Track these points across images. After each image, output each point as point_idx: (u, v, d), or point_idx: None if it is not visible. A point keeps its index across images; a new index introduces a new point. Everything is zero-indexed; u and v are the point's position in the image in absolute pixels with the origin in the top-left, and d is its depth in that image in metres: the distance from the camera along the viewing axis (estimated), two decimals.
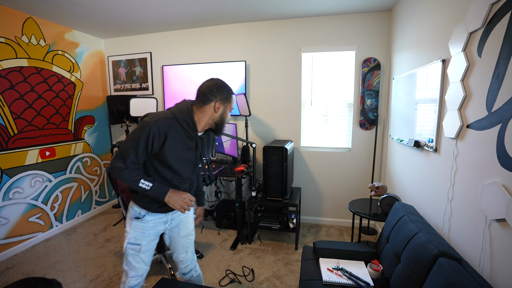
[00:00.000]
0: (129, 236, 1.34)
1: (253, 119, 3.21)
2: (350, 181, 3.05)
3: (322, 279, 1.58)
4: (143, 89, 3.55)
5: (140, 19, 2.90)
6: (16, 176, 2.56)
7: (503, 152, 1.08)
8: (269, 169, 2.53)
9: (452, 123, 1.47)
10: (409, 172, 2.17)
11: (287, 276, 2.20)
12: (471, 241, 1.30)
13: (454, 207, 1.46)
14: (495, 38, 1.15)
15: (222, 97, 1.28)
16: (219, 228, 3.05)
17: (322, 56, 3.00)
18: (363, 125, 2.90)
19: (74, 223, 3.17)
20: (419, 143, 1.91)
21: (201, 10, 2.68)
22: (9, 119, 2.50)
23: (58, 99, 2.97)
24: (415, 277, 1.25)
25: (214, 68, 3.15)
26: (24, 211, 2.64)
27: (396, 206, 1.81)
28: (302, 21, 2.92)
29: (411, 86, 2.10)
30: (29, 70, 2.67)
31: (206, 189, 3.48)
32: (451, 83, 1.49)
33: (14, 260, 2.43)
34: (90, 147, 3.40)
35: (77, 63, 3.21)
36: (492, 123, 1.15)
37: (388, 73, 2.80)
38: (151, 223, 1.36)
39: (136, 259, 1.36)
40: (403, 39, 2.36)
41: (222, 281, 2.14)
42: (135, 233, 1.34)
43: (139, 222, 1.34)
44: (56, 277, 2.19)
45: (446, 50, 1.57)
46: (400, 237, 1.52)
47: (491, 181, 1.14)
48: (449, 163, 1.52)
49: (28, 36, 2.65)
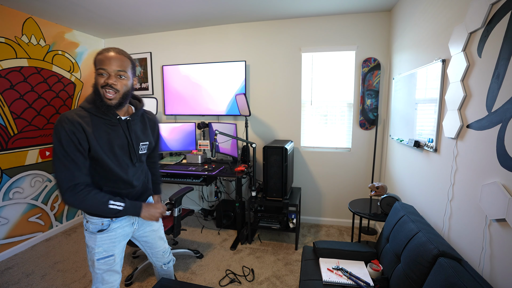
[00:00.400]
0: (96, 252, 1.19)
1: (253, 119, 3.21)
2: (350, 181, 3.05)
3: (322, 279, 1.58)
4: (143, 89, 3.55)
5: (140, 19, 2.90)
6: (16, 176, 2.56)
7: (503, 152, 1.08)
8: (269, 169, 2.53)
9: (452, 123, 1.47)
10: (409, 172, 2.17)
11: (287, 276, 2.20)
12: (471, 241, 1.30)
13: (454, 207, 1.46)
14: (495, 38, 1.15)
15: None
16: (219, 228, 3.05)
17: (322, 56, 3.00)
18: (363, 125, 2.90)
19: (74, 223, 3.17)
20: (419, 143, 1.91)
21: (201, 10, 2.68)
22: (9, 119, 2.50)
23: (58, 99, 2.97)
24: (415, 277, 1.25)
25: (214, 68, 3.15)
26: (24, 211, 2.64)
27: (396, 206, 1.81)
28: (302, 21, 2.92)
29: (411, 86, 2.10)
30: (29, 70, 2.67)
31: (206, 189, 3.48)
32: (451, 83, 1.49)
33: (14, 260, 2.43)
34: None
35: (77, 63, 3.21)
36: (492, 123, 1.15)
37: (388, 73, 2.80)
38: (119, 229, 1.24)
39: (110, 273, 1.24)
40: (403, 39, 2.36)
41: (222, 281, 2.14)
42: (104, 246, 1.20)
43: (105, 233, 1.20)
44: (56, 277, 2.19)
45: (446, 50, 1.57)
46: (400, 237, 1.52)
47: (491, 181, 1.14)
48: (449, 163, 1.52)
49: (28, 36, 2.65)
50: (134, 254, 2.47)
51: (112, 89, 1.06)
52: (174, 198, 2.09)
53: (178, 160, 3.08)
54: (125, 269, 2.29)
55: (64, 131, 1.01)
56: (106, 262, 1.21)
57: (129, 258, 2.45)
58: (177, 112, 3.39)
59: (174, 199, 2.09)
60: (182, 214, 2.28)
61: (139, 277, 2.18)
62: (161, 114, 3.51)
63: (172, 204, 2.12)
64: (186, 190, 2.22)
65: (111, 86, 1.06)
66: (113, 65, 1.05)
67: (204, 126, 3.19)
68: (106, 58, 1.05)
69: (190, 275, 2.21)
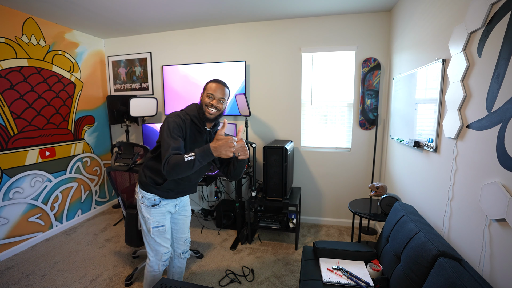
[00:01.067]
0: (152, 221, 1.55)
1: (253, 119, 3.21)
2: (350, 181, 3.05)
3: (322, 279, 1.58)
4: (143, 89, 3.55)
5: (140, 19, 2.90)
6: (16, 176, 2.56)
7: (503, 152, 1.08)
8: (269, 169, 2.53)
9: (452, 123, 1.47)
10: (409, 172, 2.17)
11: (287, 276, 2.20)
12: (471, 241, 1.30)
13: (454, 207, 1.46)
14: (495, 38, 1.15)
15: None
16: (219, 228, 3.05)
17: (322, 56, 3.00)
18: (363, 125, 2.90)
19: (74, 223, 3.17)
20: (419, 143, 1.91)
21: (201, 10, 2.68)
22: (9, 119, 2.50)
23: (58, 99, 2.97)
24: (415, 277, 1.25)
25: (214, 68, 3.15)
26: (24, 211, 2.64)
27: (396, 206, 1.81)
28: (302, 21, 2.92)
29: (411, 86, 2.10)
30: (29, 70, 2.67)
31: (206, 189, 3.48)
32: (451, 83, 1.49)
33: (14, 260, 2.43)
34: (90, 147, 3.40)
35: (77, 63, 3.21)
36: (492, 123, 1.15)
37: (388, 73, 2.80)
38: (167, 206, 1.60)
39: (162, 238, 1.60)
40: (403, 39, 2.36)
41: (222, 281, 2.14)
42: (157, 217, 1.56)
43: (157, 208, 1.55)
44: (56, 277, 2.19)
45: (446, 50, 1.57)
46: (400, 237, 1.52)
47: (491, 181, 1.14)
48: (449, 163, 1.52)
49: (28, 36, 2.65)
50: (134, 254, 2.47)
51: (214, 108, 1.45)
52: None
53: None
54: (125, 269, 2.29)
55: (174, 121, 1.39)
56: (159, 230, 1.57)
57: (129, 258, 2.46)
58: None
59: None
60: None
61: (139, 277, 2.18)
62: (161, 114, 3.51)
63: None
64: None
65: (215, 107, 1.45)
66: (218, 93, 1.45)
67: None
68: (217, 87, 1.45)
69: (190, 275, 2.21)
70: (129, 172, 2.10)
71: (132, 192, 2.19)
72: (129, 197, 2.19)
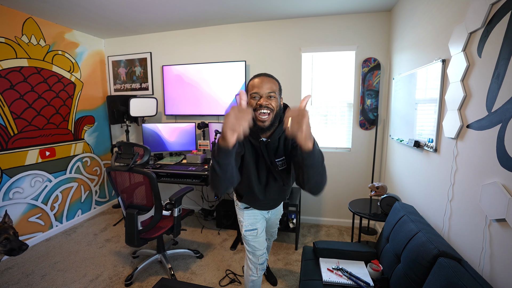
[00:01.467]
0: (245, 224, 1.53)
1: None
2: (350, 181, 3.05)
3: (322, 279, 1.58)
4: (143, 89, 3.55)
5: (140, 19, 2.90)
6: (16, 176, 2.56)
7: (503, 152, 1.08)
8: None
9: (452, 123, 1.47)
10: (409, 172, 2.17)
11: (287, 276, 2.20)
12: (471, 241, 1.30)
13: (454, 207, 1.46)
14: (495, 38, 1.15)
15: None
16: (219, 228, 3.05)
17: (322, 56, 3.00)
18: (363, 125, 2.90)
19: (74, 223, 3.17)
20: (419, 143, 1.91)
21: (201, 10, 2.68)
22: (9, 119, 2.50)
23: (58, 99, 2.97)
24: (415, 277, 1.25)
25: (214, 68, 3.15)
26: (24, 211, 2.64)
27: (396, 206, 1.81)
28: (302, 21, 2.92)
29: (411, 86, 2.10)
30: (29, 70, 2.67)
31: (206, 189, 3.48)
32: (451, 83, 1.49)
33: (14, 260, 2.43)
34: (90, 147, 3.40)
35: (77, 63, 3.21)
36: (492, 123, 1.15)
37: (388, 73, 2.80)
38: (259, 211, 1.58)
39: (257, 242, 1.55)
40: (403, 39, 2.36)
41: (222, 281, 2.14)
42: (249, 220, 1.54)
43: (250, 210, 1.55)
44: (56, 277, 2.19)
45: (446, 50, 1.57)
46: (400, 237, 1.52)
47: (491, 181, 1.14)
48: (449, 163, 1.52)
49: (28, 36, 2.65)
50: (134, 254, 2.47)
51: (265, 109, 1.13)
52: (174, 198, 2.10)
53: (178, 160, 3.09)
54: (125, 269, 2.29)
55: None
56: (251, 233, 1.54)
57: (129, 258, 2.46)
58: (177, 112, 3.39)
59: (174, 199, 2.09)
60: (182, 214, 2.28)
61: (139, 277, 2.18)
62: (161, 114, 3.51)
63: (172, 204, 2.13)
64: (186, 190, 2.23)
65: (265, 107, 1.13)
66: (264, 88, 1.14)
67: (204, 126, 3.19)
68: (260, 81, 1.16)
69: (190, 275, 2.21)
70: (129, 172, 2.10)
71: (132, 192, 2.19)
72: (129, 197, 2.19)
